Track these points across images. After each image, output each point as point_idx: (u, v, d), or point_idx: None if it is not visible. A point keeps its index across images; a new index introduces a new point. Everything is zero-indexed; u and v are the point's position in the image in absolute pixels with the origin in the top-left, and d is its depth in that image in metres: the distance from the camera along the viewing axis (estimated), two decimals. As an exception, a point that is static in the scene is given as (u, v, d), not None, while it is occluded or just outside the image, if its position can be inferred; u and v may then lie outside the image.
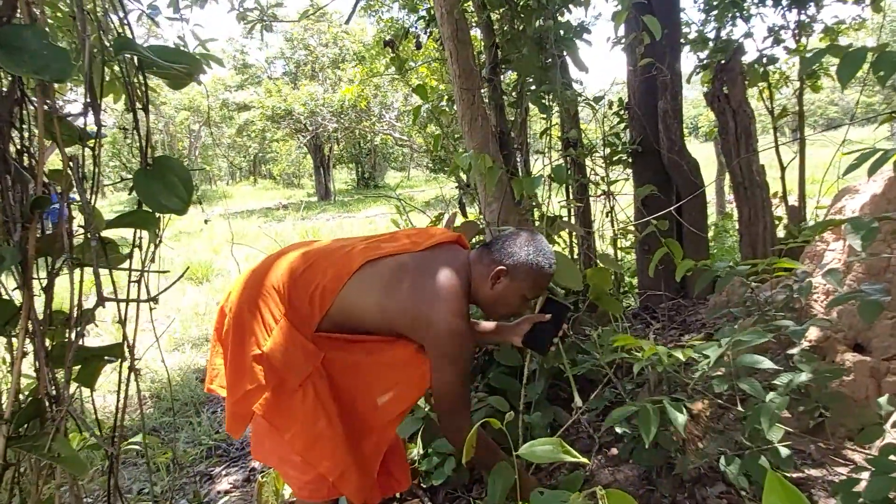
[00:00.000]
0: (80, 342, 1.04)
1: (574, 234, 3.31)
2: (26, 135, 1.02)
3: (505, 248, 1.62)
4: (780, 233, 3.56)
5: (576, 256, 3.41)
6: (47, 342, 1.02)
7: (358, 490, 1.59)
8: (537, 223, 2.63)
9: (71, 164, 0.96)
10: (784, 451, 1.43)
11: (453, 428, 1.60)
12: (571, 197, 3.43)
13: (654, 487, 1.82)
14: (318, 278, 1.58)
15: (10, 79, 0.99)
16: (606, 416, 2.30)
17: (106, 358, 1.13)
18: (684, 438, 1.74)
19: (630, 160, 3.68)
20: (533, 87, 2.88)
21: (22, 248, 0.95)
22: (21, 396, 1.04)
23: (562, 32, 2.71)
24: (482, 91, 2.83)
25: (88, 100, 0.97)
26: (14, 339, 0.99)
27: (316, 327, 1.58)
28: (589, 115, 3.55)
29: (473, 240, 2.58)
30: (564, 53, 2.79)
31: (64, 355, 1.01)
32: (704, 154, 6.51)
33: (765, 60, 3.69)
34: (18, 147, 1.00)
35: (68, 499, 1.18)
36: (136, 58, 1.04)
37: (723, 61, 3.42)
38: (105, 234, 1.09)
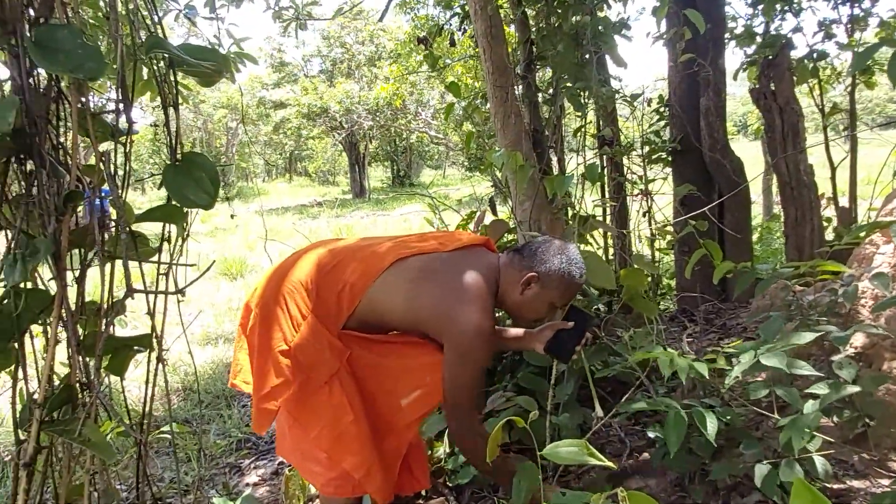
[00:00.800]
0: (111, 332, 1.07)
1: (609, 233, 3.24)
2: (62, 131, 1.06)
3: (537, 255, 1.60)
4: (830, 235, 3.40)
5: (610, 257, 3.34)
6: (80, 331, 1.05)
7: (382, 488, 1.59)
8: (570, 222, 2.58)
9: (103, 159, 0.99)
10: (821, 462, 1.36)
11: (461, 429, 1.59)
12: (607, 196, 3.36)
13: (687, 494, 1.76)
14: (346, 276, 1.58)
15: (47, 77, 1.02)
16: (637, 420, 2.25)
17: (135, 348, 1.16)
18: (719, 446, 1.68)
19: (670, 159, 3.58)
20: (568, 84, 2.83)
21: (56, 240, 0.98)
22: (56, 382, 1.07)
23: (600, 28, 2.64)
24: (516, 88, 2.79)
25: (120, 97, 0.99)
26: (48, 327, 1.02)
27: (343, 325, 1.59)
28: (628, 113, 3.46)
29: (503, 238, 2.56)
30: (602, 49, 2.73)
31: (95, 344, 1.04)
32: (752, 153, 6.30)
33: (815, 56, 3.53)
34: (54, 142, 1.04)
35: (101, 485, 1.22)
36: (167, 56, 1.06)
37: (769, 57, 3.29)
38: (137, 228, 1.12)
